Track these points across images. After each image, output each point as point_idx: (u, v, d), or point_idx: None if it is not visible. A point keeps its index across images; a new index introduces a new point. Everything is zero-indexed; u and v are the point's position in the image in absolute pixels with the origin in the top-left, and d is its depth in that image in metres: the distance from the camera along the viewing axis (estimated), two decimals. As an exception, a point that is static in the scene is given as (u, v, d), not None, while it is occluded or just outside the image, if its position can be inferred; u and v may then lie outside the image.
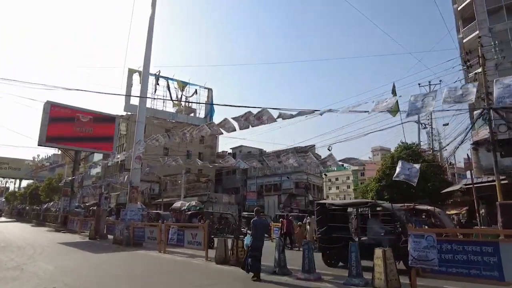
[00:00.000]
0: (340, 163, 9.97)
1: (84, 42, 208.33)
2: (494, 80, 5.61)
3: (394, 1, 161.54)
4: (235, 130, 9.78)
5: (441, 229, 9.96)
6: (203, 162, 17.69)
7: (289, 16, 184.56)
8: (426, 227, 11.63)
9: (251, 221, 8.65)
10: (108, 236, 17.99)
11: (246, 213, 28.67)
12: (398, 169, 8.17)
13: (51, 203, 37.40)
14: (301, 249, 14.73)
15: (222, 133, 10.42)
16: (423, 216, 14.41)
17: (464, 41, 23.88)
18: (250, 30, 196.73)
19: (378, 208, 10.24)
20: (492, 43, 18.40)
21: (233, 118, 9.61)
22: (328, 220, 10.06)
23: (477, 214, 15.47)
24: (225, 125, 10.03)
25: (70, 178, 27.72)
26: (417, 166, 8.04)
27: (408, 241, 6.39)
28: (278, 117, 8.52)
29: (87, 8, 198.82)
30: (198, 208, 25.71)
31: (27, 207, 44.55)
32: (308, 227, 16.37)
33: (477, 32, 22.01)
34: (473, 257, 5.57)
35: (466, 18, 24.89)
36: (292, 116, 8.31)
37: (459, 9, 25.19)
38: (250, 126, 9.17)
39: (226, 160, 13.39)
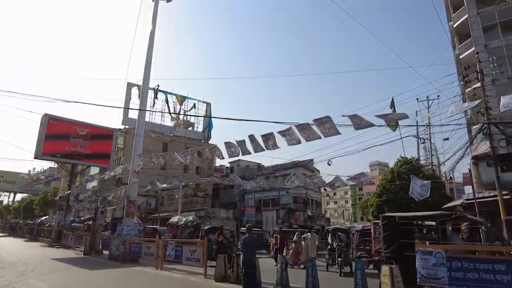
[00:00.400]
0: (351, 182, 9.76)
1: (84, 42, 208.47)
2: (501, 97, 5.67)
3: (395, 17, 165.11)
4: (238, 155, 9.66)
5: (451, 245, 9.65)
6: (209, 179, 17.54)
7: (286, 30, 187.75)
8: (428, 242, 11.38)
9: (242, 238, 8.67)
10: (104, 251, 17.57)
11: (244, 228, 28.20)
12: (412, 185, 8.19)
13: (45, 217, 36.68)
14: (301, 266, 14.41)
15: (224, 158, 10.30)
16: (424, 231, 14.21)
17: (461, 57, 24.19)
18: (250, 42, 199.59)
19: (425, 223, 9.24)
20: (490, 59, 18.62)
21: (237, 142, 9.48)
22: (398, 236, 8.59)
23: (480, 230, 15.24)
24: (231, 147, 9.91)
25: (66, 192, 27.28)
26: (427, 182, 8.05)
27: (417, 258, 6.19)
28: (285, 132, 8.30)
29: (87, 8, 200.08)
30: (195, 223, 25.24)
31: (21, 222, 43.67)
32: (303, 243, 15.80)
33: (473, 48, 22.32)
34: (485, 276, 5.38)
35: (462, 35, 25.30)
36: (299, 142, 8.15)
37: (454, 26, 25.64)
38: (253, 152, 9.03)
39: (231, 180, 13.32)
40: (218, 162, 56.37)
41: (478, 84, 16.56)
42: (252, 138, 9.06)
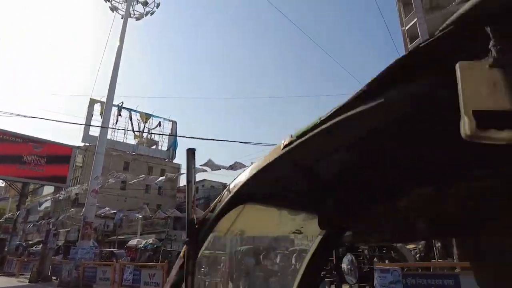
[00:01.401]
0: None
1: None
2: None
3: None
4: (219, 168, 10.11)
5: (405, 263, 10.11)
6: (172, 211, 17.23)
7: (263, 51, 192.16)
8: (387, 261, 11.81)
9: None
10: (53, 278, 16.26)
11: (208, 251, 27.49)
12: None
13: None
14: None
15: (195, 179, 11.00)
16: (384, 251, 14.72)
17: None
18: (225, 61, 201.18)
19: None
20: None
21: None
22: None
23: (434, 248, 16.06)
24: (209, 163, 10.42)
25: (12, 213, 25.22)
26: None
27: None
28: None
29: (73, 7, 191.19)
30: (155, 246, 24.33)
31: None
32: None
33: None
34: (437, 290, 5.70)
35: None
36: None
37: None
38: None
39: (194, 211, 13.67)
40: (182, 182, 55.22)
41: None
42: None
